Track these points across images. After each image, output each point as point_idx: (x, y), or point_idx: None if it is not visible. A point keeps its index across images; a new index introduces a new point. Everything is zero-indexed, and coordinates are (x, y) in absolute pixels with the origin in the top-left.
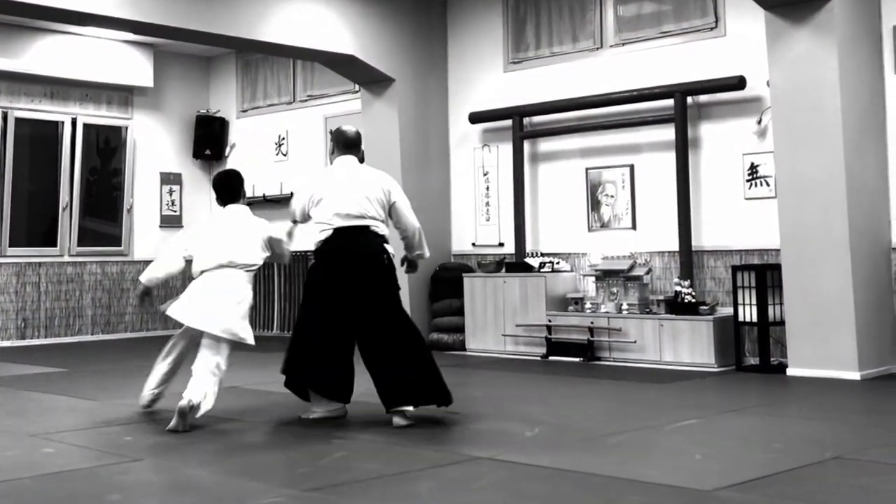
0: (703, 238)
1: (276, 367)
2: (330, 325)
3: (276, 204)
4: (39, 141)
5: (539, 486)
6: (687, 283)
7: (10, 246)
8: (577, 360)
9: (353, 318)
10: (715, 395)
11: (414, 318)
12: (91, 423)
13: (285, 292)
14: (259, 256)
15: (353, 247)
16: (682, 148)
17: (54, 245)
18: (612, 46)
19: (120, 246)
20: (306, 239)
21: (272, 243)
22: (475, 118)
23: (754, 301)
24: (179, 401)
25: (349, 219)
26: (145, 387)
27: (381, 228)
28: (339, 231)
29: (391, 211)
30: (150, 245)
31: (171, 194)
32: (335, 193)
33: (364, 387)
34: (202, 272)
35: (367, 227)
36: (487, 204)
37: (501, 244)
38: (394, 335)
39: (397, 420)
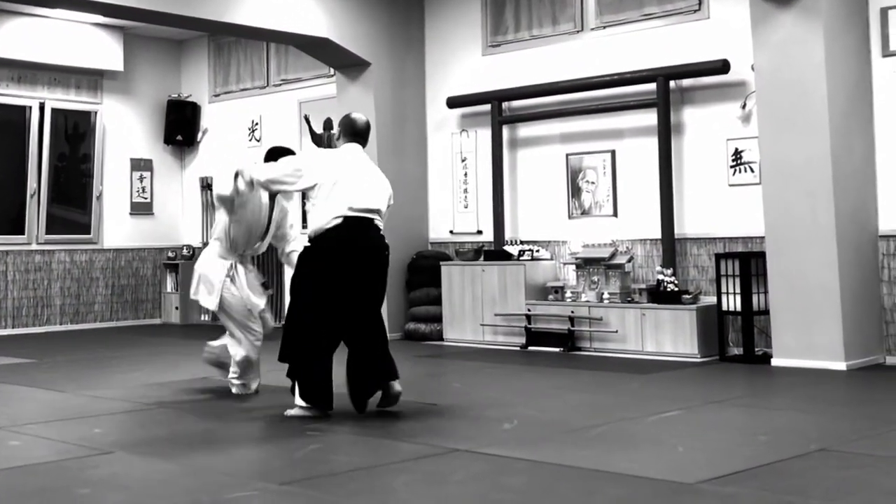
0: (686, 225)
1: None
2: (331, 316)
3: None
4: (6, 126)
5: (518, 479)
6: (669, 271)
7: None
8: (557, 350)
9: (352, 311)
10: (698, 386)
11: (390, 308)
12: (60, 415)
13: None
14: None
15: (363, 239)
16: (665, 133)
17: (22, 233)
18: (593, 29)
19: (89, 234)
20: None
21: None
22: (453, 103)
23: (738, 290)
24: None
25: (359, 210)
26: None
27: (381, 223)
28: (348, 221)
29: None
30: (120, 233)
31: (141, 181)
32: (349, 181)
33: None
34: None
35: (373, 220)
36: (465, 191)
37: (480, 232)
38: (379, 323)
39: (396, 386)
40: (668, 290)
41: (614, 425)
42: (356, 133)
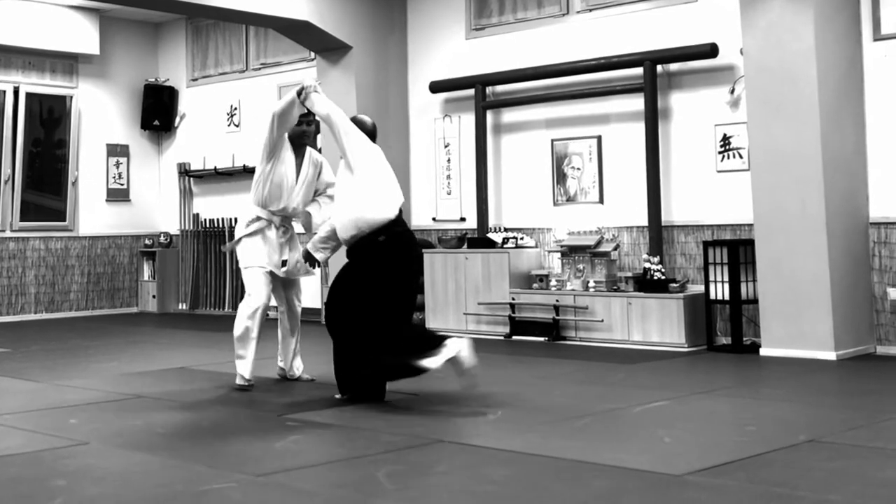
0: (674, 212)
1: (227, 346)
2: (396, 309)
3: (227, 177)
4: None
5: (502, 471)
6: (656, 259)
7: None
8: (541, 339)
9: (410, 301)
10: (685, 376)
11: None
12: (34, 406)
13: (237, 269)
14: None
15: (409, 233)
16: (652, 118)
17: None
18: (578, 13)
19: (64, 221)
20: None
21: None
22: (436, 87)
23: (726, 278)
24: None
25: (398, 206)
26: None
27: None
28: (399, 217)
29: None
30: (96, 220)
31: (117, 167)
32: (391, 178)
33: (319, 370)
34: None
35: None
36: (448, 177)
37: (463, 219)
38: None
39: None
40: (655, 278)
41: (600, 416)
42: (369, 133)
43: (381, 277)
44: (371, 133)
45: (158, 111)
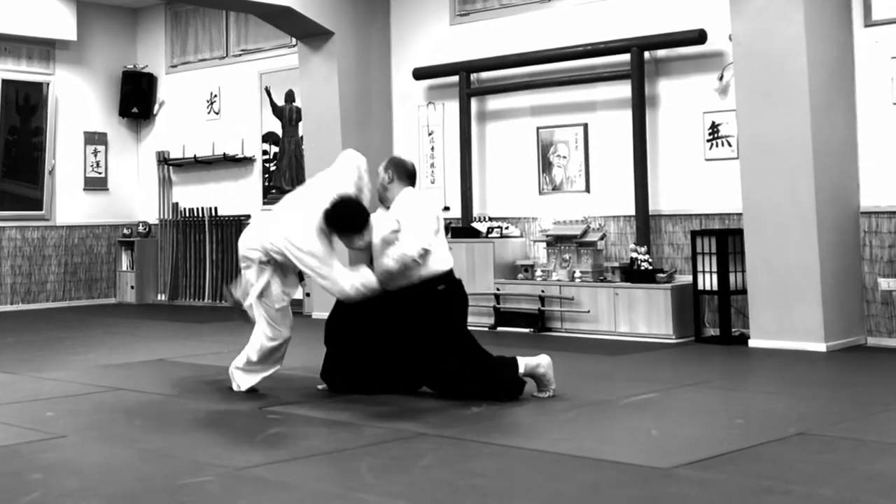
0: (661, 202)
1: (207, 337)
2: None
3: (207, 165)
4: None
5: (486, 464)
6: (643, 249)
7: None
8: (526, 330)
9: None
10: (673, 368)
11: None
12: (10, 398)
13: (217, 260)
14: None
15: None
16: (639, 106)
17: None
18: None
19: (41, 210)
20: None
21: None
22: (419, 74)
23: (715, 268)
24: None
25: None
26: None
27: None
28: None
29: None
30: (73, 209)
31: (95, 155)
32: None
33: (300, 360)
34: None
35: None
36: (432, 165)
37: (447, 208)
38: None
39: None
40: (642, 268)
41: (586, 408)
42: (410, 175)
43: (453, 321)
44: (413, 173)
45: (137, 98)
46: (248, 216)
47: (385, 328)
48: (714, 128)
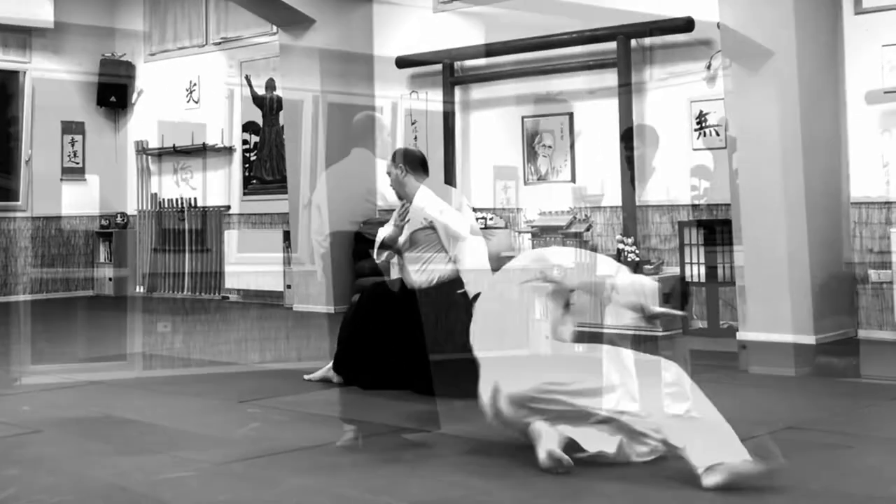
0: (648, 192)
1: (186, 330)
2: None
3: (186, 155)
4: None
5: (472, 458)
6: (630, 240)
7: None
8: None
9: None
10: None
11: (335, 279)
12: None
13: (197, 251)
14: None
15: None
16: (626, 95)
17: None
18: None
19: (18, 201)
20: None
21: None
22: (402, 63)
23: (702, 260)
24: None
25: None
26: None
27: None
28: None
29: None
30: (50, 200)
31: (73, 145)
32: None
33: (280, 353)
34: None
35: None
36: None
37: None
38: None
39: None
40: (629, 259)
41: None
42: (423, 164)
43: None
44: (426, 162)
45: (115, 87)
46: (228, 207)
47: (403, 327)
48: (702, 117)
